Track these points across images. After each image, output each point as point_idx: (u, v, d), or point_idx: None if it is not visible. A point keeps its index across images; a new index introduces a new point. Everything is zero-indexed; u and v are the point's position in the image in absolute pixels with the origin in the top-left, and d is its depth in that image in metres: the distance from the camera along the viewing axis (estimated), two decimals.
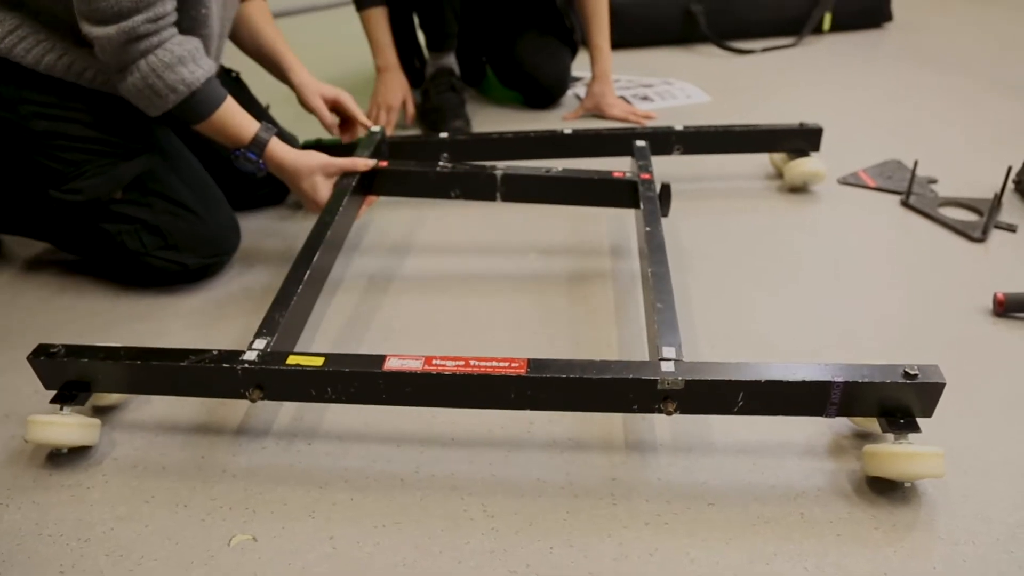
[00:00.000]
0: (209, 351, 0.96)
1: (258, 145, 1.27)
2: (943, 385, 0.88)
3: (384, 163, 1.40)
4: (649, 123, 2.02)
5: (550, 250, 1.46)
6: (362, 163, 1.36)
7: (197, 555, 0.87)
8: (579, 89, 2.26)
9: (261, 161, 1.29)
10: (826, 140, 1.83)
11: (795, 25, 2.65)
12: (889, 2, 2.73)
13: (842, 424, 1.02)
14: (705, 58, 2.53)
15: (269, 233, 1.55)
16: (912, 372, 0.88)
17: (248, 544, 0.88)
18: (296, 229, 1.56)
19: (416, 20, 2.07)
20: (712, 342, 1.19)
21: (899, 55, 2.48)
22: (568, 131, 1.60)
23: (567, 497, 0.93)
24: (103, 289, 1.36)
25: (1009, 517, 0.89)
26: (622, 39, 2.56)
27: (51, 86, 1.22)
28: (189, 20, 1.22)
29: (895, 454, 0.89)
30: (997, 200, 1.46)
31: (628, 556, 0.85)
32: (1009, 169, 1.49)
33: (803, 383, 0.88)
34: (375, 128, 1.56)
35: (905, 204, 1.57)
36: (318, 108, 1.52)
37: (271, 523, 0.91)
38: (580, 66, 2.30)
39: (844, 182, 1.68)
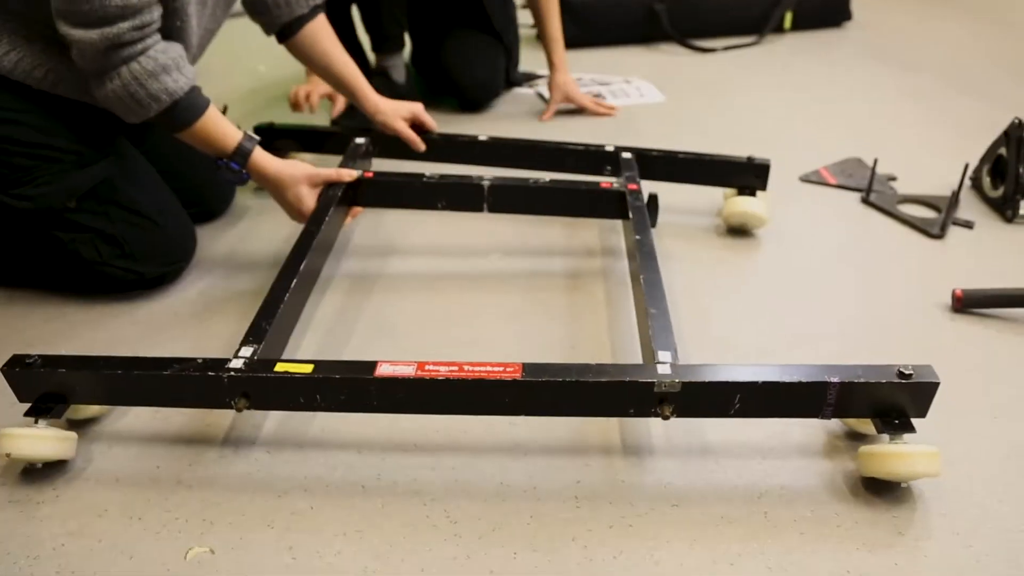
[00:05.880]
0: (193, 359, 0.94)
1: (241, 155, 1.23)
2: (937, 385, 0.89)
3: (369, 174, 1.39)
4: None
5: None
6: (347, 174, 1.34)
7: (153, 570, 0.84)
8: (541, 88, 2.24)
9: (244, 171, 1.25)
10: (787, 138, 1.85)
11: (757, 24, 2.67)
12: (849, 2, 2.76)
13: (804, 423, 1.03)
14: (668, 56, 2.54)
15: (220, 239, 1.52)
16: (907, 372, 0.89)
17: (205, 557, 0.86)
18: (247, 236, 1.53)
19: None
20: None
21: (858, 54, 2.51)
22: (484, 138, 1.57)
23: (531, 501, 0.92)
24: (52, 296, 1.32)
25: (968, 512, 0.90)
26: (586, 37, 2.56)
27: None
28: (164, 32, 1.17)
29: (891, 454, 0.89)
30: (955, 197, 1.48)
31: (592, 559, 0.85)
32: (966, 167, 1.51)
33: (800, 384, 0.88)
34: (360, 140, 1.54)
35: (865, 201, 1.59)
36: (403, 131, 1.53)
37: (229, 534, 0.88)
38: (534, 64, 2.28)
39: (805, 179, 1.69)
